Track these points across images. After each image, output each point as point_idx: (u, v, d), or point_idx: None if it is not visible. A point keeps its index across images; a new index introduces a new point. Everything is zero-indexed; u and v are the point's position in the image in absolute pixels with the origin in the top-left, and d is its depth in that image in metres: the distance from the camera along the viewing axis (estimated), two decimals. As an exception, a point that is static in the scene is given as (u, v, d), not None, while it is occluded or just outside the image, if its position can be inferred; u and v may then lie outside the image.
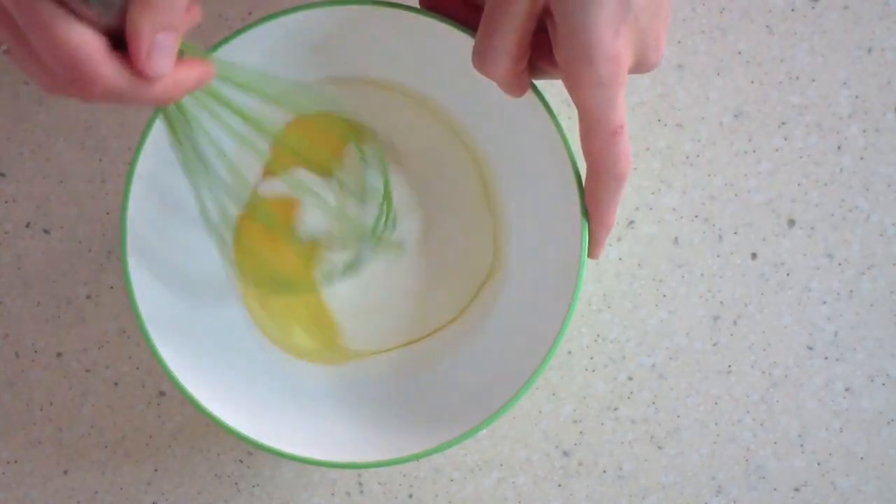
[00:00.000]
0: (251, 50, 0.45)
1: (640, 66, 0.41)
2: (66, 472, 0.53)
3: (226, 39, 0.44)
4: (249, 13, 0.53)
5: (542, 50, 0.41)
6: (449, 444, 0.45)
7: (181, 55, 0.36)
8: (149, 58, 0.34)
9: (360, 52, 0.49)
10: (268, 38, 0.45)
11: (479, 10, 0.43)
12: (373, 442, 0.47)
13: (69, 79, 0.33)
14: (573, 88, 0.39)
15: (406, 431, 0.48)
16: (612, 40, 0.38)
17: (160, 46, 0.33)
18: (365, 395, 0.51)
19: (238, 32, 0.44)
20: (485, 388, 0.47)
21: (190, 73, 0.36)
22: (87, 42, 0.33)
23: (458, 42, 0.45)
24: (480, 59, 0.41)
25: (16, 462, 0.53)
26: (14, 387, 0.53)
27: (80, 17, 0.33)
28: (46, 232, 0.53)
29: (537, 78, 0.43)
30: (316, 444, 0.47)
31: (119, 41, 0.34)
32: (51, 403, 0.53)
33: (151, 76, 0.34)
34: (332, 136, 0.50)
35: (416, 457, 0.45)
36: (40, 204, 0.53)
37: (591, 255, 0.44)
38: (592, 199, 0.43)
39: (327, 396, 0.50)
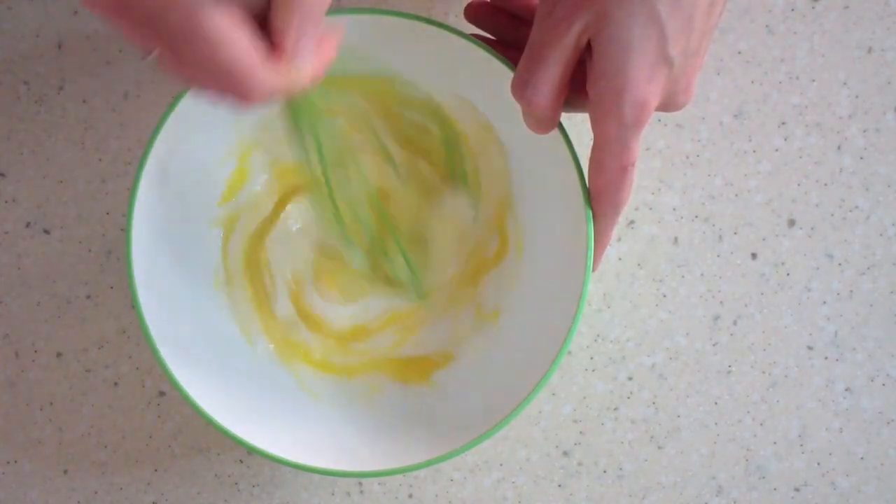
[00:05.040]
0: None
1: (667, 107, 0.42)
2: (66, 472, 0.53)
3: None
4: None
5: (576, 84, 0.42)
6: (450, 455, 0.45)
7: None
8: (294, 59, 0.34)
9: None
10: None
11: (524, 25, 0.44)
12: (374, 450, 0.47)
13: (228, 88, 0.33)
14: (596, 122, 0.41)
15: (408, 440, 0.48)
16: (644, 86, 0.39)
17: (307, 49, 0.34)
18: (367, 402, 0.51)
19: None
20: (487, 397, 0.47)
21: (322, 57, 0.36)
22: (245, 54, 0.32)
23: (491, 67, 0.45)
24: (521, 87, 0.41)
25: (16, 462, 0.53)
26: (14, 387, 0.53)
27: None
28: (46, 232, 0.53)
29: (568, 111, 0.44)
30: (316, 450, 0.47)
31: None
32: (51, 403, 0.53)
33: (297, 75, 0.34)
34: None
35: (419, 467, 0.45)
36: (40, 204, 0.53)
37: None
38: (594, 224, 0.45)
39: (329, 402, 0.50)
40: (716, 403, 0.53)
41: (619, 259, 0.53)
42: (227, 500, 0.53)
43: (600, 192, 0.43)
